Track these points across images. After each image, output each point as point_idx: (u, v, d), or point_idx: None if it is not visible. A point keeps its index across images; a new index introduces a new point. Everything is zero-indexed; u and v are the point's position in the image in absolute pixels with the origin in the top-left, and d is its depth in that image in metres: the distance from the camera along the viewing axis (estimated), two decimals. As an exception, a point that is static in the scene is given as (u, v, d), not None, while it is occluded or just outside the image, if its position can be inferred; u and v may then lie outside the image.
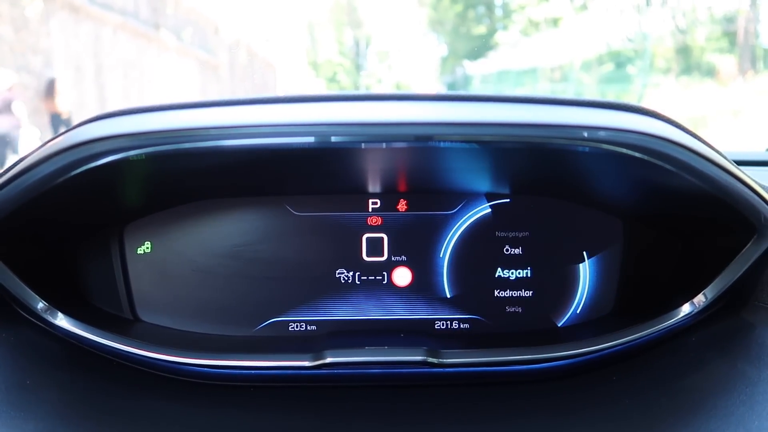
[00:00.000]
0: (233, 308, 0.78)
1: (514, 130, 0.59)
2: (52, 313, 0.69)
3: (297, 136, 0.59)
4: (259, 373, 0.68)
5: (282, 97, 0.63)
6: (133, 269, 0.78)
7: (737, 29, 10.34)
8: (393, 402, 0.66)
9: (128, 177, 0.69)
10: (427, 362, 0.66)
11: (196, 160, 0.64)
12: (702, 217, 0.70)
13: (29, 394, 0.61)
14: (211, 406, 0.66)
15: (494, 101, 0.62)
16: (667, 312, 0.68)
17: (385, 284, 0.79)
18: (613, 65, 12.66)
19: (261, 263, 0.79)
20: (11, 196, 0.61)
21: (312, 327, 0.79)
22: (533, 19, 14.58)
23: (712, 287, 0.66)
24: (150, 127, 0.58)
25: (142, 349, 0.68)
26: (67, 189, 0.62)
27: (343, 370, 0.67)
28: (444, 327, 0.79)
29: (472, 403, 0.66)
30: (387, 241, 0.79)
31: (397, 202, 0.79)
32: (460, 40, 17.46)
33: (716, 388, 0.59)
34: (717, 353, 0.65)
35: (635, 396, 0.62)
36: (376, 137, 0.60)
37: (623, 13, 12.41)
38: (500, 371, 0.68)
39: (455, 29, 17.55)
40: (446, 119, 0.59)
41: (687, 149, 0.59)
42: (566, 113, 0.61)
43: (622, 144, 0.58)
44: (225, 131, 0.58)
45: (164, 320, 0.78)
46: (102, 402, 0.64)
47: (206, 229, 0.79)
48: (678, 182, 0.62)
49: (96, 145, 0.58)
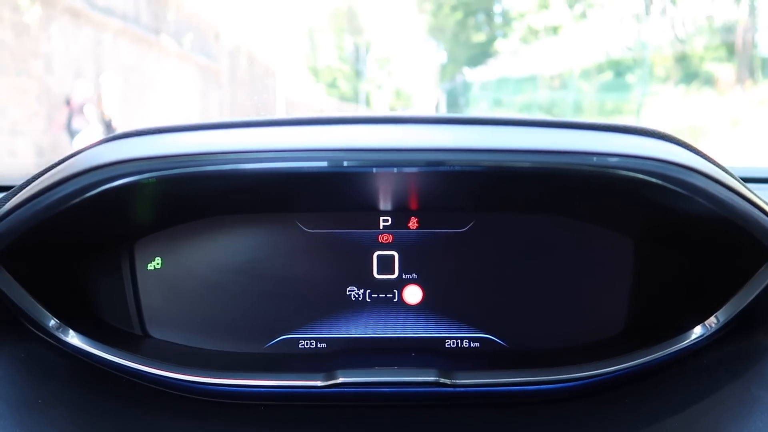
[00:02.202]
0: (243, 325, 0.78)
1: (524, 156, 0.59)
2: (64, 330, 0.69)
3: (310, 161, 0.59)
4: (270, 392, 0.68)
5: (294, 119, 0.64)
6: (143, 285, 0.78)
7: (736, 39, 10.40)
8: (404, 422, 0.66)
9: (140, 196, 0.69)
10: (439, 383, 0.66)
11: (208, 182, 0.64)
12: (715, 239, 0.70)
13: (40, 412, 0.61)
14: (222, 423, 0.66)
15: (505, 125, 0.63)
16: (679, 334, 0.68)
17: (395, 302, 0.79)
18: (612, 74, 12.71)
19: (271, 280, 0.79)
20: (25, 218, 0.61)
21: (322, 344, 0.78)
22: (533, 26, 14.65)
23: (724, 310, 0.67)
24: (164, 150, 0.58)
25: (152, 367, 0.68)
26: (79, 209, 0.62)
27: (354, 389, 0.67)
28: (455, 346, 0.79)
29: (484, 423, 0.66)
30: (398, 259, 0.79)
31: (408, 220, 0.79)
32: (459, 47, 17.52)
33: (729, 413, 0.59)
34: (730, 376, 0.65)
35: (647, 419, 0.62)
36: (387, 162, 0.60)
37: (622, 22, 12.47)
38: (512, 392, 0.68)
39: (455, 36, 17.62)
40: (457, 145, 0.60)
41: (700, 174, 0.59)
42: (579, 138, 0.61)
43: (635, 170, 0.58)
44: (239, 156, 0.59)
45: (174, 336, 0.78)
46: (112, 420, 0.64)
47: (217, 246, 0.79)
48: (691, 206, 0.62)
49: (110, 170, 0.58)
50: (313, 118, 0.63)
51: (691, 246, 0.75)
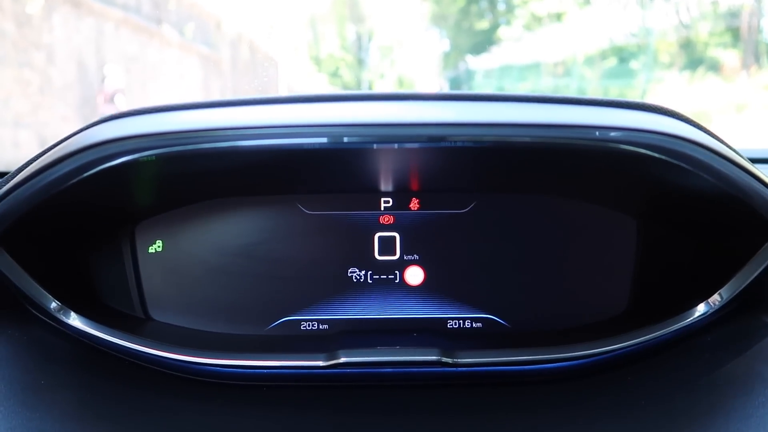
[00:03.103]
0: (245, 307, 0.78)
1: (526, 131, 0.58)
2: (65, 312, 0.69)
3: (310, 137, 0.59)
4: (273, 373, 0.68)
5: (293, 96, 0.63)
6: (144, 268, 0.78)
7: (741, 24, 10.30)
8: (406, 401, 0.66)
9: (140, 177, 0.69)
10: (441, 362, 0.66)
11: (208, 160, 0.64)
12: (718, 217, 0.69)
13: (44, 394, 0.62)
14: (224, 405, 0.66)
15: (506, 101, 0.62)
16: (682, 312, 0.67)
17: (397, 283, 0.79)
18: (616, 60, 12.62)
19: (273, 262, 0.78)
20: (24, 198, 0.61)
21: (324, 326, 0.78)
22: (536, 13, 14.52)
23: (728, 287, 0.66)
24: (163, 128, 0.58)
25: (154, 349, 0.68)
26: (79, 190, 0.62)
27: (356, 370, 0.67)
28: (456, 326, 0.78)
29: (486, 402, 0.66)
30: (399, 240, 0.79)
31: (409, 201, 0.79)
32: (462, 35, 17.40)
33: (733, 390, 0.59)
34: (733, 354, 0.64)
35: (651, 396, 0.62)
36: (388, 138, 0.60)
37: (626, 8, 12.36)
38: (514, 371, 0.68)
39: (458, 24, 17.50)
40: (458, 120, 0.59)
41: (705, 148, 0.58)
42: (581, 113, 0.61)
43: (638, 144, 0.58)
44: (238, 132, 0.58)
45: (176, 319, 0.78)
46: (115, 402, 0.64)
47: (217, 228, 0.79)
48: (695, 181, 0.61)
49: (109, 147, 0.58)
50: (313, 95, 0.62)
51: (694, 224, 0.74)
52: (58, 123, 6.94)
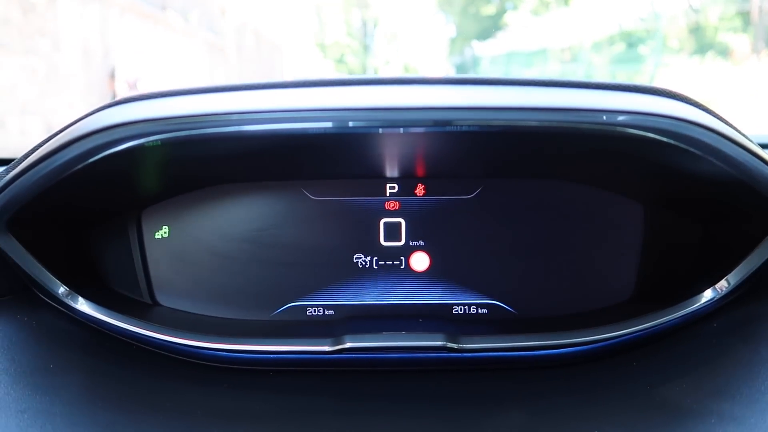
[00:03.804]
0: (251, 293, 0.79)
1: (532, 115, 0.58)
2: (73, 297, 0.69)
3: (315, 121, 0.59)
4: (278, 358, 0.68)
5: (299, 81, 0.63)
6: (151, 254, 0.78)
7: (751, 8, 10.16)
8: (412, 387, 0.67)
9: (146, 162, 0.69)
10: (446, 347, 0.66)
11: (213, 145, 0.64)
12: (726, 202, 0.69)
13: (53, 377, 0.62)
14: (231, 389, 0.66)
15: (513, 85, 0.62)
16: (689, 298, 0.67)
17: (402, 269, 0.79)
18: (625, 45, 12.49)
19: (278, 248, 0.78)
20: (30, 184, 0.61)
21: (330, 312, 0.79)
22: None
23: (735, 273, 0.66)
24: (169, 112, 0.58)
25: (161, 333, 0.68)
26: (86, 175, 0.62)
27: (362, 355, 0.68)
28: (462, 312, 0.78)
29: (491, 387, 0.66)
30: (405, 226, 0.79)
31: (414, 187, 0.79)
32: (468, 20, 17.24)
33: (739, 374, 0.59)
34: (740, 339, 0.64)
35: (656, 381, 0.62)
36: (393, 122, 0.59)
37: (635, -8, 12.20)
38: (519, 356, 0.68)
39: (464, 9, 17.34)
40: (464, 104, 0.58)
41: (713, 132, 0.58)
42: (588, 97, 0.60)
43: (645, 128, 0.57)
44: (243, 117, 0.58)
45: (183, 304, 0.78)
46: (123, 386, 0.64)
47: (223, 214, 0.79)
48: (702, 166, 0.61)
49: (115, 131, 0.58)
50: (318, 80, 0.62)
51: (701, 209, 0.73)
52: (65, 110, 6.94)
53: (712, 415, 0.54)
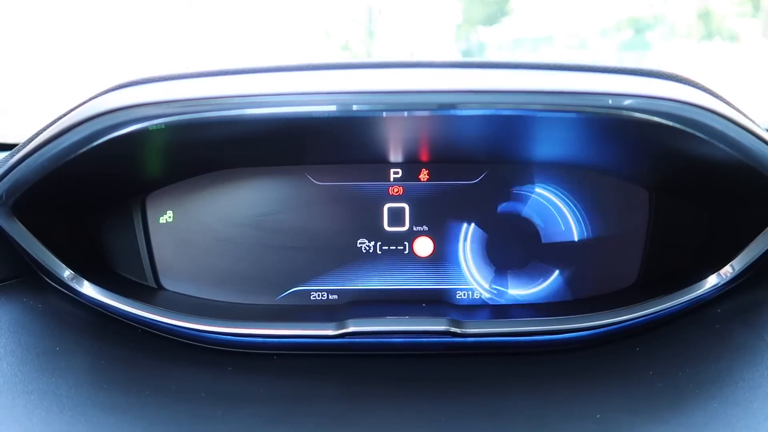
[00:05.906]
0: (255, 277, 0.79)
1: (538, 98, 0.57)
2: (78, 281, 0.70)
3: (319, 104, 0.58)
4: (282, 341, 0.69)
5: (303, 65, 0.62)
6: (155, 238, 0.79)
7: (762, -7, 10.01)
8: (415, 371, 0.67)
9: (150, 146, 0.69)
10: (449, 332, 0.66)
11: (218, 129, 0.64)
12: (732, 187, 0.68)
13: (59, 360, 0.63)
14: (234, 373, 0.67)
15: (518, 68, 0.61)
16: (693, 283, 0.67)
17: (406, 254, 0.79)
18: (632, 31, 12.36)
19: (282, 233, 0.79)
20: (34, 168, 0.61)
21: (333, 296, 0.79)
22: (551, -17, 14.20)
23: (739, 259, 0.65)
24: (173, 95, 0.58)
25: (166, 317, 0.69)
26: (90, 158, 0.62)
27: (365, 339, 0.68)
28: (465, 297, 0.78)
29: (494, 372, 0.66)
30: (408, 211, 0.79)
31: (418, 172, 0.78)
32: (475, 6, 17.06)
33: (742, 360, 0.59)
34: (743, 325, 0.64)
35: (659, 366, 0.62)
36: (398, 105, 0.59)
37: (644, -23, 12.05)
38: (522, 341, 0.68)
39: (470, -6, 17.14)
40: (468, 87, 0.58)
41: (720, 116, 0.57)
42: (594, 80, 0.59)
43: (652, 112, 0.57)
44: (247, 100, 0.58)
45: (187, 288, 0.79)
46: (128, 368, 0.65)
47: (227, 199, 0.79)
48: (709, 150, 0.60)
49: (119, 114, 0.57)
50: (323, 63, 0.61)
51: (706, 195, 0.73)
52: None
53: (714, 400, 0.54)
